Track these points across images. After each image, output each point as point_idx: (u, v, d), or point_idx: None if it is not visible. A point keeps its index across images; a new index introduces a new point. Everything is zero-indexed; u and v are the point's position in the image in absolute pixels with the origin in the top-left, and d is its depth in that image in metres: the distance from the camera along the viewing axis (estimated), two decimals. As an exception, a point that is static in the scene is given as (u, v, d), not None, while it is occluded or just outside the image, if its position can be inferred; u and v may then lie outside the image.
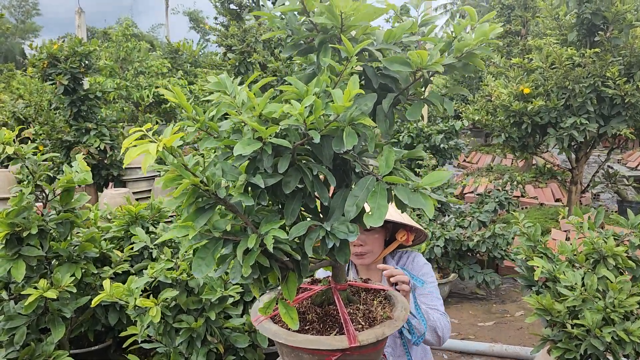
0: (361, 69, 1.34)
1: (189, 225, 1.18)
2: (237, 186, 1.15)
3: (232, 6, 6.73)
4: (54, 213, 2.02)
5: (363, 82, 1.35)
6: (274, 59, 6.34)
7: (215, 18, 8.52)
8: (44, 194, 2.01)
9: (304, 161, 1.21)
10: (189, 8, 34.18)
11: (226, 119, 1.34)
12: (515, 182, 5.34)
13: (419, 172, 5.57)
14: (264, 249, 1.20)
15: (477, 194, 5.32)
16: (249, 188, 1.24)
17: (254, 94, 1.28)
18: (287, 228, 1.24)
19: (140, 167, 6.99)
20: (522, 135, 5.49)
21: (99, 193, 6.36)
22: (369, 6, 1.12)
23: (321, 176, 1.26)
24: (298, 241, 1.26)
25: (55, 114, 6.02)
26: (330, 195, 1.33)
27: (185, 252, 2.20)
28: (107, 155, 5.63)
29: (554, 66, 5.21)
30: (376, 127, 1.23)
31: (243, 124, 1.17)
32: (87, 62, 5.39)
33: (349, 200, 1.20)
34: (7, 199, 6.34)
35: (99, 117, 5.58)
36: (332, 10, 1.14)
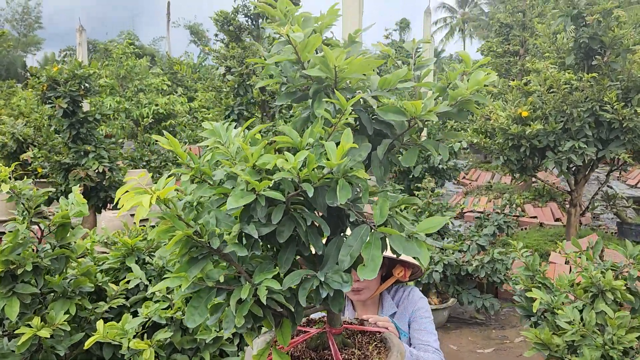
0: (356, 115, 1.36)
1: (182, 276, 1.18)
2: (231, 236, 1.15)
3: (230, 28, 6.80)
4: (49, 248, 2.02)
5: (357, 127, 1.36)
6: (273, 80, 6.39)
7: (216, 35, 8.63)
8: (39, 228, 2.01)
9: (298, 210, 1.22)
10: (189, 21, 34.47)
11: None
12: (514, 205, 5.34)
13: (417, 194, 5.57)
14: (257, 299, 1.20)
15: (477, 216, 5.31)
16: (243, 236, 1.24)
17: (250, 140, 1.29)
18: (281, 276, 1.24)
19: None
20: (521, 157, 5.51)
21: (97, 214, 6.37)
22: (362, 59, 1.13)
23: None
24: (293, 287, 1.27)
25: (55, 135, 6.05)
26: (325, 240, 1.34)
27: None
28: (106, 177, 5.65)
29: (551, 90, 5.25)
30: (370, 178, 1.24)
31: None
32: (86, 84, 5.43)
33: (343, 249, 1.20)
34: (4, 221, 6.28)
35: (97, 138, 5.61)
36: (325, 62, 1.15)
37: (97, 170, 5.43)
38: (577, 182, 5.83)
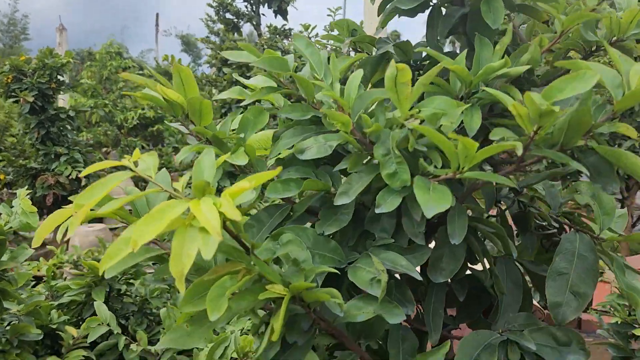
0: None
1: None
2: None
3: (228, 15, 6.24)
4: (-26, 278, 1.38)
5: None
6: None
7: (208, 37, 8.14)
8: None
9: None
10: (182, 31, 34.26)
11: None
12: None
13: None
14: None
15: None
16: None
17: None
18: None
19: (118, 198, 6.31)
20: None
21: (71, 229, 5.68)
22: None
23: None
24: None
25: (25, 137, 5.42)
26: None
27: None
28: (81, 185, 4.99)
29: None
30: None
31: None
32: (59, 77, 4.79)
33: (554, 281, 0.58)
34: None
35: (71, 140, 4.95)
36: None
37: (70, 177, 4.77)
38: (629, 189, 5.28)
